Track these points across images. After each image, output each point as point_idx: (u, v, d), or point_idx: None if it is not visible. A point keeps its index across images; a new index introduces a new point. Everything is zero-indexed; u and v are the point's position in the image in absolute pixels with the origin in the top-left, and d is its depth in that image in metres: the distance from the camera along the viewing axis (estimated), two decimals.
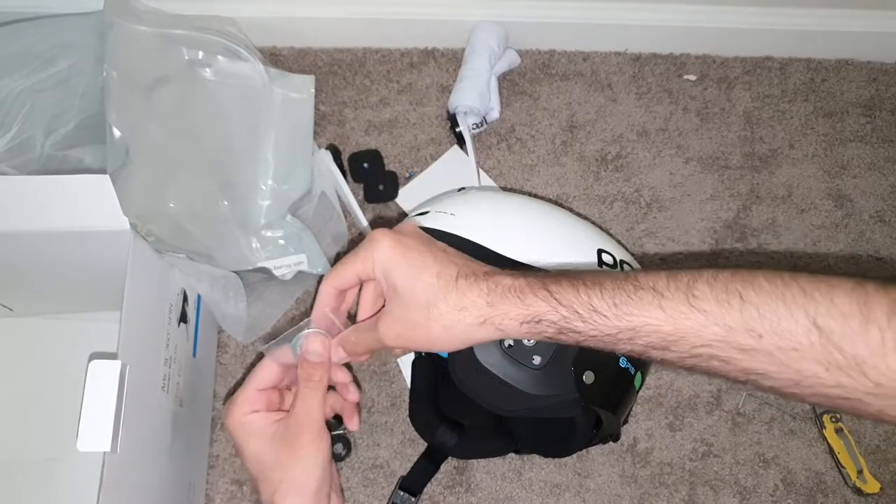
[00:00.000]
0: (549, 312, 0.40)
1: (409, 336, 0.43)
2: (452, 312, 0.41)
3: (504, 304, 0.41)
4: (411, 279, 0.42)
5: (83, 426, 0.47)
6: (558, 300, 0.40)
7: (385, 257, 0.43)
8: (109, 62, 0.65)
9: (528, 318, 0.40)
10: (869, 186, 0.86)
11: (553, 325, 0.40)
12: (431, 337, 0.42)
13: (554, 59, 0.89)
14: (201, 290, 0.67)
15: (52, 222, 0.54)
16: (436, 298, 0.41)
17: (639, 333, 0.38)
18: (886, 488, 0.74)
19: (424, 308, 0.41)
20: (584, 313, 0.39)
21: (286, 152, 0.75)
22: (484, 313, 0.41)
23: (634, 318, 0.38)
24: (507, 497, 0.73)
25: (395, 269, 0.43)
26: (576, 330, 0.39)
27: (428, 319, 0.41)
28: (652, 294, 0.38)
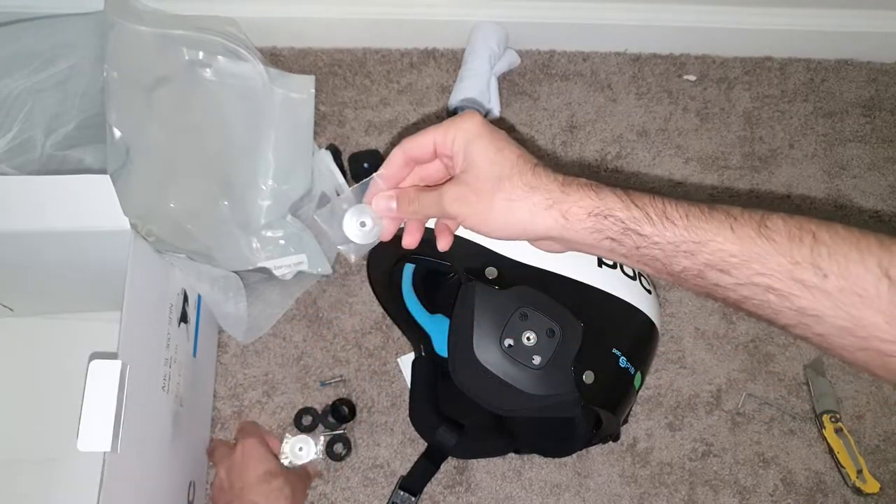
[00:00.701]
0: (620, 209, 0.39)
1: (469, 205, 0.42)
2: (522, 188, 0.40)
3: (577, 193, 0.40)
4: (492, 152, 0.42)
5: (83, 426, 0.47)
6: (632, 199, 0.39)
7: (472, 129, 0.42)
8: (110, 62, 0.65)
9: (598, 211, 0.40)
10: (868, 186, 0.86)
11: (619, 224, 0.39)
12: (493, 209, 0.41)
13: (554, 59, 0.89)
14: (201, 290, 0.67)
15: (52, 222, 0.54)
16: (511, 172, 0.41)
17: (702, 249, 0.38)
18: (886, 488, 0.74)
19: (497, 178, 0.41)
20: (655, 217, 0.39)
21: (286, 152, 0.75)
22: (554, 197, 0.40)
23: (702, 233, 0.38)
24: (507, 497, 0.73)
25: (479, 140, 0.42)
26: (641, 232, 0.39)
27: (496, 189, 0.41)
28: (724, 215, 0.38)
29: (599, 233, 0.40)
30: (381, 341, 0.78)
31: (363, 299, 0.79)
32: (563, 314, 0.56)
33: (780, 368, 0.78)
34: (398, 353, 0.77)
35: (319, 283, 0.79)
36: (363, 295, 0.79)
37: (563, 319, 0.56)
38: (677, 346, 0.79)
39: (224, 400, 0.75)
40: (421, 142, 0.45)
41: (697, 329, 0.79)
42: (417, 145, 0.45)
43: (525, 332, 0.56)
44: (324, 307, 0.78)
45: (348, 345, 0.77)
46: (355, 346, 0.77)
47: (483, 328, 0.57)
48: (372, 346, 0.77)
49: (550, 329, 0.56)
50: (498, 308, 0.57)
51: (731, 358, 0.78)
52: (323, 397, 0.76)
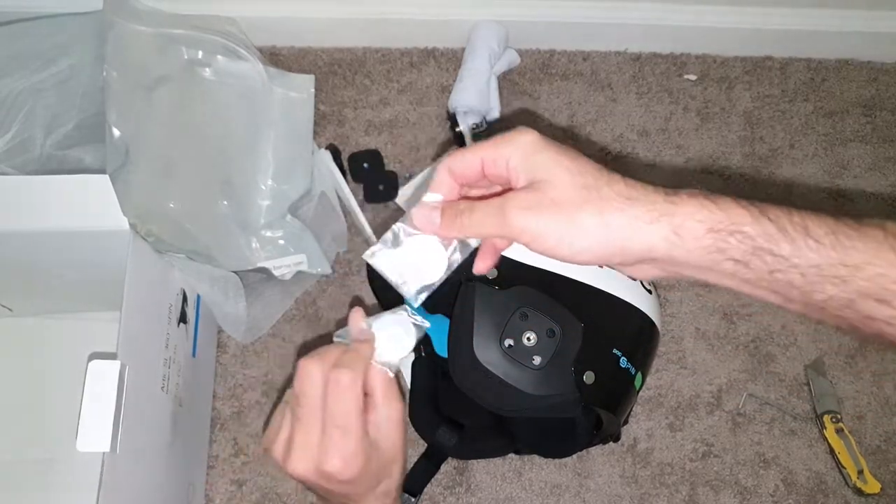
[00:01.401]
0: (748, 223, 0.31)
1: (545, 217, 0.33)
2: (617, 199, 0.32)
3: (691, 205, 0.32)
4: (566, 160, 0.33)
5: (83, 426, 0.47)
6: (763, 210, 0.31)
7: (530, 142, 0.34)
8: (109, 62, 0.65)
9: (721, 226, 0.31)
10: (869, 186, 0.86)
11: (748, 241, 0.31)
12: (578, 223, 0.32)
13: (554, 59, 0.89)
14: (201, 290, 0.67)
15: (52, 222, 0.54)
16: (597, 181, 0.33)
17: (856, 274, 0.30)
18: (887, 488, 0.73)
19: (582, 187, 0.32)
20: (795, 233, 0.31)
21: (286, 152, 0.74)
22: (660, 209, 0.32)
23: (856, 254, 0.30)
24: (507, 497, 0.73)
25: (545, 152, 0.34)
26: (776, 252, 0.31)
27: (583, 201, 0.32)
28: (882, 232, 0.31)
29: (721, 253, 0.32)
30: None
31: (363, 299, 0.78)
32: (564, 314, 0.56)
33: (780, 369, 0.78)
34: None
35: (319, 283, 0.79)
36: (363, 295, 0.78)
37: (563, 319, 0.56)
38: (678, 347, 0.79)
39: (223, 400, 0.75)
40: (467, 159, 0.37)
41: (698, 329, 0.79)
42: (463, 163, 0.37)
43: (525, 332, 0.56)
44: (324, 307, 0.78)
45: None
46: None
47: (483, 328, 0.57)
48: None
49: (550, 329, 0.56)
50: (498, 308, 0.57)
51: (731, 358, 0.78)
52: None
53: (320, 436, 0.37)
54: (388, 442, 0.40)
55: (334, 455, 0.37)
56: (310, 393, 0.37)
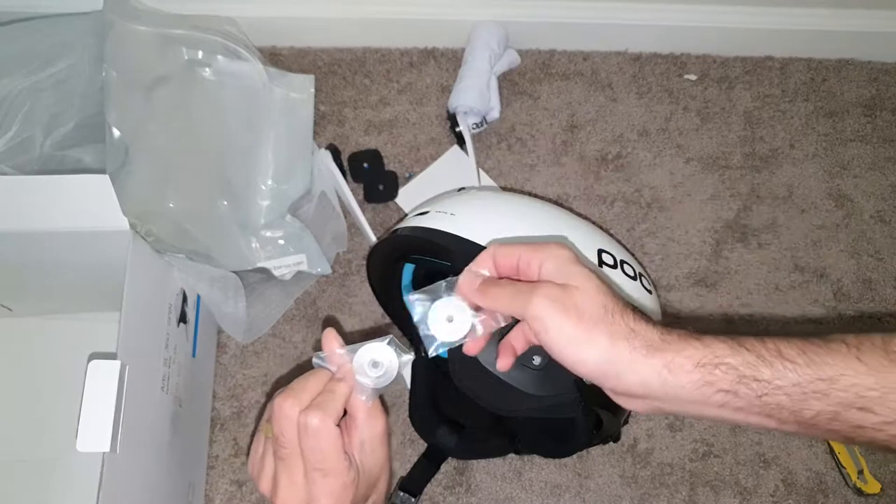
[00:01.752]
0: (729, 355, 0.35)
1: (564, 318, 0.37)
2: (625, 328, 0.37)
3: (680, 343, 0.36)
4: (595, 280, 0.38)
5: (83, 426, 0.47)
6: (740, 342, 0.36)
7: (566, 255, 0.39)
8: (109, 62, 0.65)
9: (706, 360, 0.35)
10: (869, 186, 0.86)
11: (733, 371, 0.35)
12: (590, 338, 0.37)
13: (554, 59, 0.89)
14: (201, 290, 0.67)
15: (52, 222, 0.53)
16: (614, 307, 0.37)
17: (833, 386, 0.34)
18: (887, 488, 0.73)
19: (602, 307, 0.37)
20: (771, 358, 0.35)
21: (286, 152, 0.75)
22: (655, 344, 0.36)
23: (829, 368, 0.34)
24: (507, 497, 0.73)
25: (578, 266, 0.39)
26: (759, 378, 0.35)
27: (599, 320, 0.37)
28: (846, 347, 0.34)
29: (710, 385, 0.35)
30: None
31: (363, 299, 0.78)
32: None
33: None
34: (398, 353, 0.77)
35: (319, 283, 0.79)
36: (363, 295, 0.78)
37: None
38: None
39: (223, 400, 0.75)
40: (507, 252, 0.41)
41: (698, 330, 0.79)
42: (503, 254, 0.41)
43: None
44: (324, 307, 0.78)
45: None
46: None
47: None
48: None
49: None
50: None
51: None
52: None
53: (303, 477, 0.39)
54: (373, 459, 0.42)
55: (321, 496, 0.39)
56: (287, 435, 0.39)
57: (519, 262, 0.40)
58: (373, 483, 0.42)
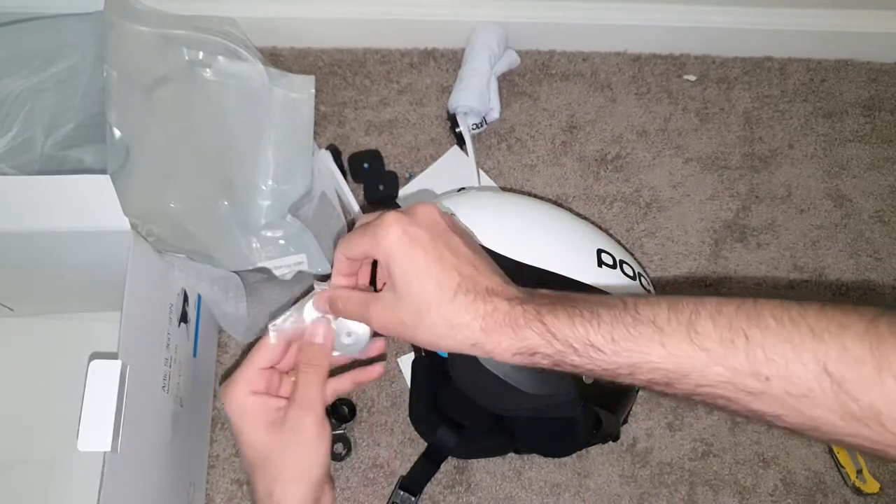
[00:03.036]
0: (543, 346, 0.38)
1: (395, 331, 0.42)
2: (443, 326, 0.40)
3: (498, 334, 0.39)
4: (409, 278, 0.40)
5: (83, 426, 0.47)
6: (553, 334, 0.38)
7: (390, 247, 0.41)
8: (110, 62, 0.65)
9: (522, 351, 0.39)
10: (868, 186, 0.86)
11: (548, 358, 0.39)
12: (417, 339, 0.41)
13: (554, 60, 0.89)
14: (201, 289, 0.67)
15: (52, 222, 0.54)
16: (428, 307, 0.40)
17: (639, 370, 0.36)
18: (886, 488, 0.74)
19: (416, 313, 0.40)
20: (580, 348, 0.37)
21: (286, 152, 0.75)
22: (476, 338, 0.39)
23: (633, 355, 0.36)
24: (507, 497, 0.73)
25: (397, 262, 0.41)
26: (572, 363, 0.38)
27: (417, 325, 0.40)
28: (652, 329, 0.36)
29: (530, 364, 0.39)
30: None
31: None
32: None
33: None
34: (398, 353, 0.77)
35: None
36: None
37: None
38: None
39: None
40: (355, 250, 0.44)
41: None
42: (353, 253, 0.45)
43: None
44: None
45: None
46: None
47: None
48: None
49: None
50: None
51: None
52: None
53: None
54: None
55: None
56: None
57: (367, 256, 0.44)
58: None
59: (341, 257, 0.46)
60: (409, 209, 0.43)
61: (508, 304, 0.40)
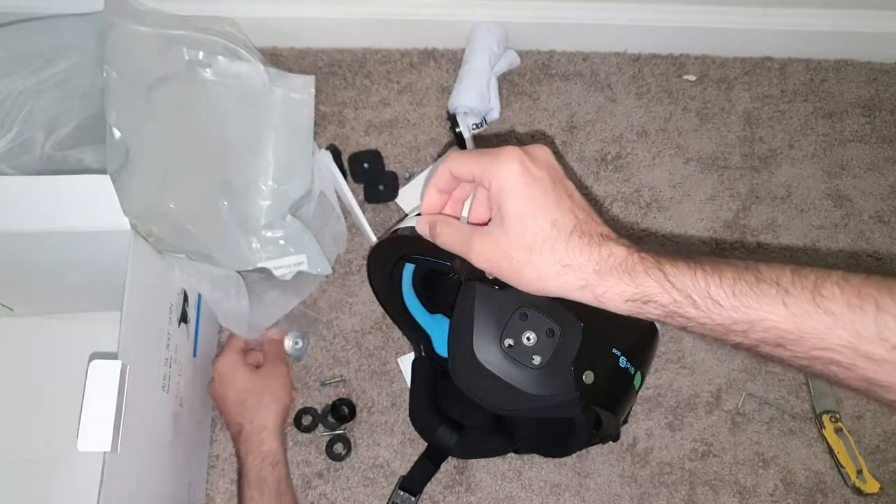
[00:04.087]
0: (659, 294, 0.37)
1: (499, 266, 0.41)
2: (555, 266, 0.39)
3: (612, 278, 0.38)
4: (525, 215, 0.40)
5: (83, 426, 0.47)
6: (672, 283, 0.37)
7: (507, 182, 0.40)
8: (109, 62, 0.65)
9: (636, 297, 0.38)
10: (868, 186, 0.86)
11: (661, 308, 0.38)
12: (522, 277, 0.40)
13: (554, 60, 0.89)
14: (203, 289, 0.67)
15: (52, 222, 0.54)
16: (542, 245, 0.39)
17: (754, 328, 0.36)
18: (886, 488, 0.74)
19: (527, 250, 0.39)
20: (699, 300, 0.37)
21: (286, 152, 0.75)
22: (588, 280, 0.39)
23: (752, 312, 0.35)
24: (507, 497, 0.73)
25: (514, 197, 0.40)
26: (685, 315, 0.37)
27: (527, 262, 0.39)
28: (775, 289, 0.35)
29: (641, 313, 0.39)
30: (381, 341, 0.78)
31: (363, 299, 0.79)
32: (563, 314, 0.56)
33: (779, 368, 0.78)
34: (398, 353, 0.77)
35: (319, 283, 0.79)
36: (363, 295, 0.79)
37: (562, 319, 0.56)
38: (677, 346, 0.79)
39: None
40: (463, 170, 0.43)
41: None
42: (461, 168, 0.43)
43: (525, 332, 0.56)
44: (324, 307, 0.78)
45: (348, 345, 0.77)
46: (355, 346, 0.77)
47: (483, 328, 0.57)
48: (372, 346, 0.77)
49: (550, 329, 0.56)
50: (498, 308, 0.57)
51: (730, 358, 0.78)
52: (323, 397, 0.76)
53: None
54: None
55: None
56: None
57: (475, 180, 0.42)
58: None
59: (446, 172, 0.44)
60: (527, 149, 0.42)
61: (626, 250, 0.39)
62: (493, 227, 0.41)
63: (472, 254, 0.42)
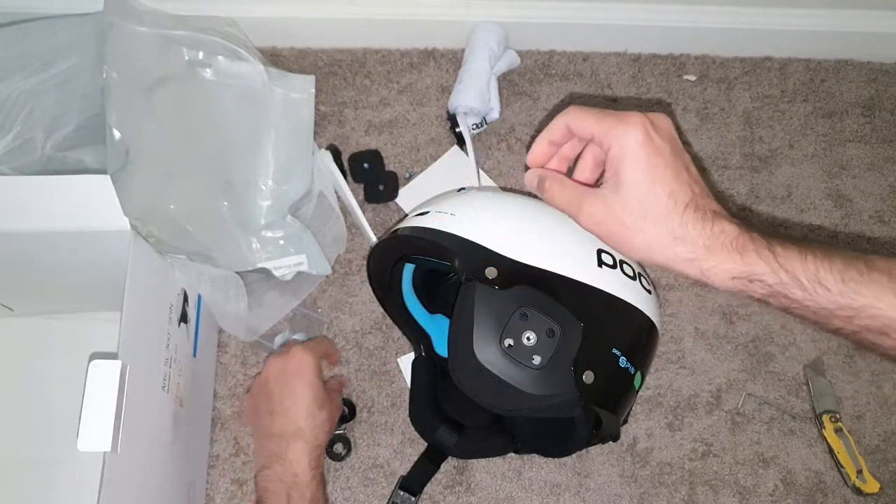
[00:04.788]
0: (767, 274, 0.38)
1: (607, 230, 0.41)
2: (666, 237, 0.39)
3: (721, 254, 0.39)
4: (642, 185, 0.40)
5: (83, 426, 0.47)
6: (781, 264, 0.38)
7: (629, 148, 0.40)
8: (109, 63, 0.65)
9: (743, 275, 0.38)
10: (868, 187, 0.86)
11: (767, 287, 0.38)
12: (631, 244, 0.41)
13: (554, 60, 0.89)
14: (202, 290, 0.67)
15: (52, 222, 0.54)
16: (656, 215, 0.40)
17: (860, 314, 0.36)
18: (886, 488, 0.74)
19: (641, 218, 0.40)
20: (807, 282, 0.37)
21: (286, 152, 0.75)
22: (697, 254, 0.39)
23: (860, 298, 0.36)
24: (507, 497, 0.73)
25: (634, 164, 0.40)
26: (791, 296, 0.38)
27: (638, 230, 0.40)
28: (887, 278, 0.36)
29: (743, 291, 0.39)
30: (381, 341, 0.78)
31: (363, 299, 0.79)
32: (563, 314, 0.56)
33: (779, 368, 0.78)
34: (398, 353, 0.77)
35: (319, 283, 0.79)
36: (363, 295, 0.79)
37: (562, 319, 0.56)
38: (677, 346, 0.79)
39: (224, 400, 0.75)
40: (583, 125, 0.43)
41: (697, 329, 0.79)
42: (579, 127, 0.43)
43: (525, 332, 0.56)
44: (324, 307, 0.79)
45: (348, 345, 0.77)
46: (355, 346, 0.77)
47: (483, 328, 0.57)
48: (372, 346, 0.77)
49: (550, 329, 0.56)
50: (498, 308, 0.57)
51: (730, 358, 0.78)
52: None
53: None
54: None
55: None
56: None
57: (594, 138, 0.42)
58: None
59: (563, 125, 0.44)
60: (651, 116, 0.42)
61: (738, 228, 0.39)
62: (606, 190, 0.41)
63: (582, 215, 0.42)
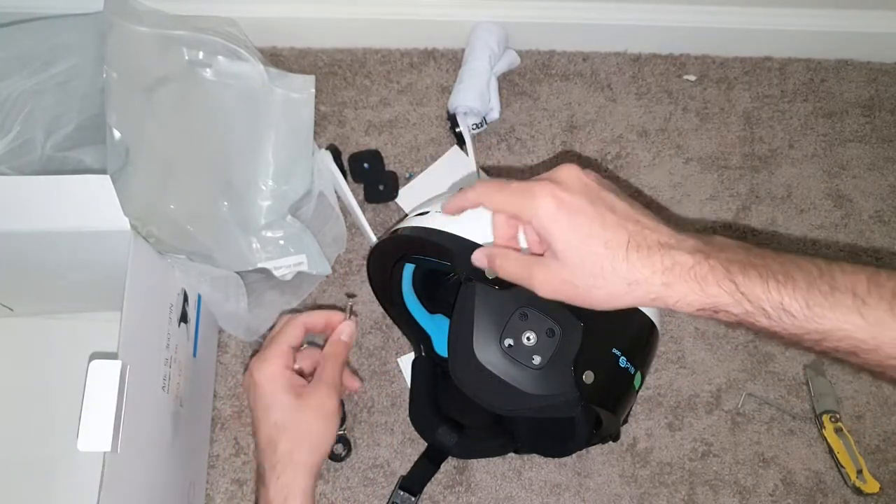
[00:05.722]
0: (732, 306, 0.37)
1: (565, 295, 0.41)
2: (620, 287, 0.39)
3: (681, 287, 0.38)
4: (575, 247, 0.39)
5: (83, 426, 0.47)
6: (745, 294, 0.36)
7: (546, 219, 0.40)
8: (109, 63, 0.65)
9: (707, 307, 0.38)
10: (868, 186, 0.86)
11: (734, 317, 0.37)
12: (591, 302, 0.40)
13: (554, 60, 0.89)
14: (202, 290, 0.67)
15: (52, 222, 0.54)
16: (602, 270, 0.39)
17: (828, 338, 0.35)
18: (886, 488, 0.74)
19: (589, 277, 0.39)
20: (772, 311, 0.36)
21: (286, 152, 0.75)
22: (657, 293, 0.38)
23: (827, 322, 0.35)
24: (507, 497, 0.73)
25: (557, 234, 0.40)
26: (757, 324, 0.37)
27: (591, 287, 0.39)
28: (851, 298, 0.35)
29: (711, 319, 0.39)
30: (381, 341, 0.78)
31: (363, 299, 0.79)
32: (563, 314, 0.56)
33: (779, 368, 0.78)
34: (398, 353, 0.77)
35: (319, 283, 0.79)
36: (363, 295, 0.79)
37: (562, 319, 0.56)
38: (677, 346, 0.79)
39: (224, 400, 0.75)
40: (494, 201, 0.44)
41: (697, 329, 0.79)
42: (493, 204, 0.45)
43: (525, 332, 0.56)
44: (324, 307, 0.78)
45: None
46: (355, 346, 0.77)
47: (483, 328, 0.57)
48: (372, 346, 0.77)
49: (550, 329, 0.56)
50: (498, 308, 0.57)
51: (730, 358, 0.78)
52: None
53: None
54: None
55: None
56: None
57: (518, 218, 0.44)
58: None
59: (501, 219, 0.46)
60: (553, 175, 0.42)
61: (692, 258, 0.38)
62: (549, 259, 0.41)
63: (536, 285, 0.42)
